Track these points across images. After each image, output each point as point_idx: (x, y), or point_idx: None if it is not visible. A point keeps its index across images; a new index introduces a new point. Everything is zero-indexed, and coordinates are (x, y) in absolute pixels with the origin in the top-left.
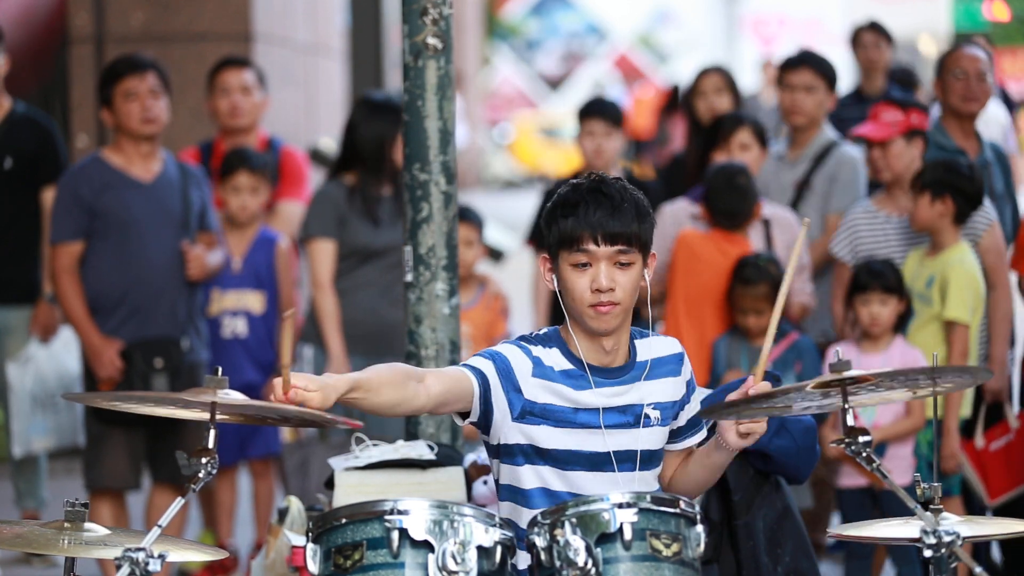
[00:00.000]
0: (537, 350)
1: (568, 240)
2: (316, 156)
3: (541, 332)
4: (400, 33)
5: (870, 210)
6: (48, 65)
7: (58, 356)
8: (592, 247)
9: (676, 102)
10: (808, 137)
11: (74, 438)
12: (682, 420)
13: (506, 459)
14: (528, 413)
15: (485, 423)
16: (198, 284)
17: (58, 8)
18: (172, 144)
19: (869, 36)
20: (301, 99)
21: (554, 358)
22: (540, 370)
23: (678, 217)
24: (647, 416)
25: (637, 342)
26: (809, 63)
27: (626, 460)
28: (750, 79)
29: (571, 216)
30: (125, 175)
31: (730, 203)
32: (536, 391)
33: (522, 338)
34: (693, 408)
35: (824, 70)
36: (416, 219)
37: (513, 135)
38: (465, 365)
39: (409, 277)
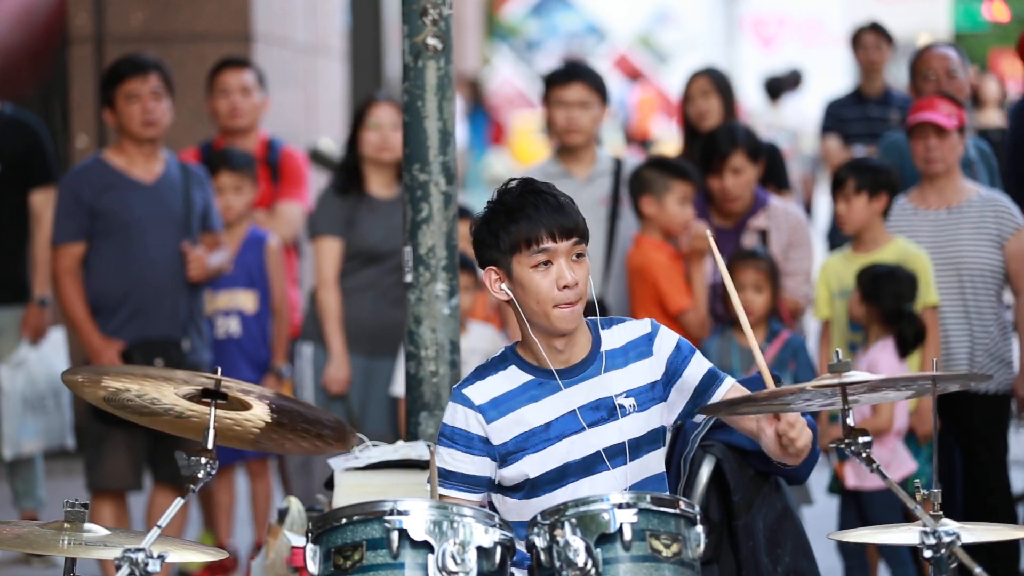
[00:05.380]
0: (483, 385)
1: (525, 242)
2: (316, 156)
3: (497, 355)
4: (400, 33)
5: (905, 207)
6: (48, 65)
7: (47, 358)
8: (551, 244)
9: None
10: (589, 154)
11: (62, 440)
12: (692, 382)
13: (508, 493)
14: (507, 455)
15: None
16: (200, 285)
17: (58, 8)
18: (172, 144)
19: (870, 37)
20: (301, 99)
21: (510, 377)
22: (495, 411)
23: None
24: (621, 406)
25: (603, 332)
26: (582, 78)
27: (616, 455)
28: (750, 79)
29: (521, 219)
30: (126, 176)
31: None
32: (502, 432)
33: (471, 375)
34: (698, 369)
35: (596, 84)
36: (416, 219)
37: (513, 135)
38: (450, 484)
39: (409, 278)
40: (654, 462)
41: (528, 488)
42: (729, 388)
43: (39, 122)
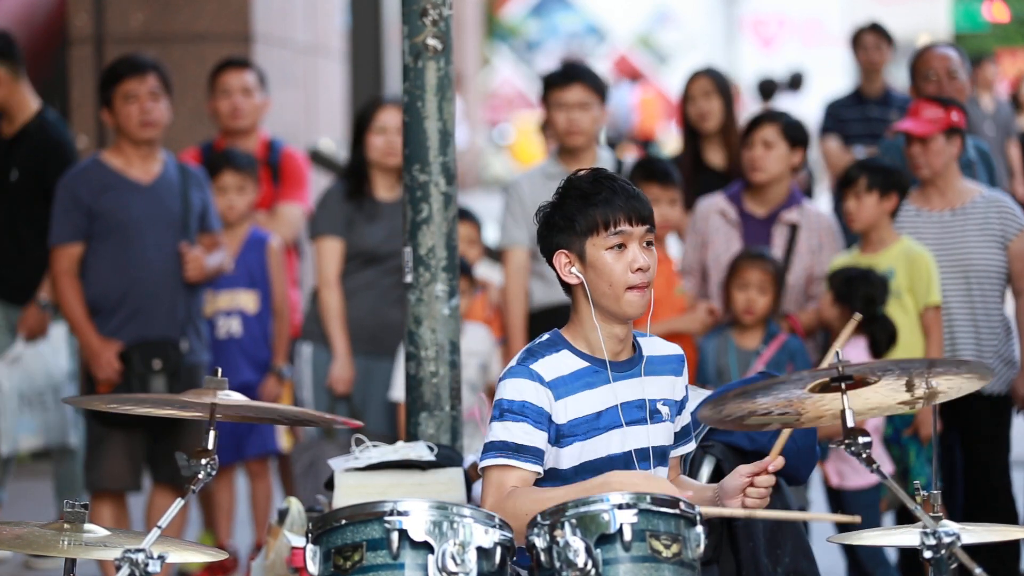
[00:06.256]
0: (545, 364)
1: (604, 224)
2: (316, 157)
3: (543, 339)
4: (400, 34)
5: (908, 208)
6: (48, 65)
7: (45, 355)
8: (627, 227)
9: None
10: (590, 155)
11: (63, 438)
12: (677, 426)
13: (546, 483)
14: (561, 436)
15: None
16: (198, 285)
17: (58, 8)
18: (172, 145)
19: (870, 38)
20: (301, 100)
21: (564, 361)
22: (558, 390)
23: (707, 213)
24: (658, 412)
25: (640, 340)
26: (581, 79)
27: (644, 458)
28: (750, 79)
29: (600, 202)
30: (124, 177)
31: None
32: (561, 413)
33: (526, 356)
34: (686, 417)
35: (596, 85)
36: (416, 220)
37: (513, 136)
38: (523, 456)
39: (409, 278)
40: (663, 474)
41: (571, 476)
42: (684, 453)
43: (66, 133)
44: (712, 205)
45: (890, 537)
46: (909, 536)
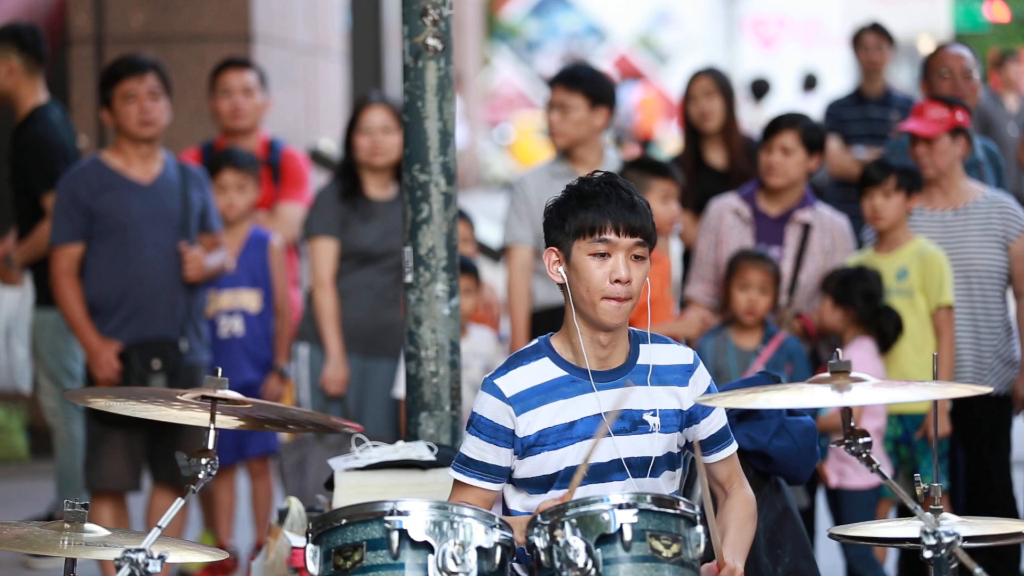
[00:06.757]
0: (514, 376)
1: (589, 229)
2: (316, 157)
3: (529, 346)
4: (400, 34)
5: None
6: (48, 65)
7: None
8: (613, 237)
9: None
10: (594, 155)
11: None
12: (703, 433)
13: (521, 487)
14: (528, 447)
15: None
16: (199, 285)
17: (58, 8)
18: (172, 145)
19: (871, 38)
20: (301, 100)
21: (540, 371)
22: (523, 403)
23: (721, 211)
24: (644, 422)
25: (641, 346)
26: (559, 80)
27: (634, 468)
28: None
29: (591, 207)
30: (124, 176)
31: None
32: (528, 425)
33: (503, 366)
34: (717, 422)
35: (580, 87)
36: (416, 220)
37: (513, 136)
38: (471, 472)
39: (409, 278)
40: (665, 484)
41: (545, 484)
42: (727, 456)
43: (60, 133)
44: (726, 204)
45: (888, 530)
46: (907, 529)
